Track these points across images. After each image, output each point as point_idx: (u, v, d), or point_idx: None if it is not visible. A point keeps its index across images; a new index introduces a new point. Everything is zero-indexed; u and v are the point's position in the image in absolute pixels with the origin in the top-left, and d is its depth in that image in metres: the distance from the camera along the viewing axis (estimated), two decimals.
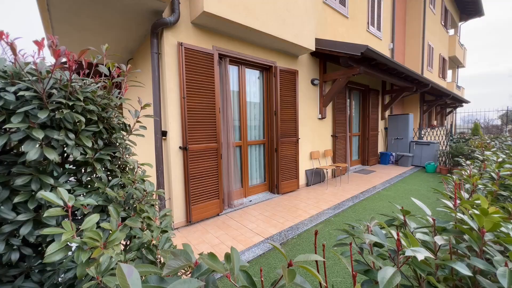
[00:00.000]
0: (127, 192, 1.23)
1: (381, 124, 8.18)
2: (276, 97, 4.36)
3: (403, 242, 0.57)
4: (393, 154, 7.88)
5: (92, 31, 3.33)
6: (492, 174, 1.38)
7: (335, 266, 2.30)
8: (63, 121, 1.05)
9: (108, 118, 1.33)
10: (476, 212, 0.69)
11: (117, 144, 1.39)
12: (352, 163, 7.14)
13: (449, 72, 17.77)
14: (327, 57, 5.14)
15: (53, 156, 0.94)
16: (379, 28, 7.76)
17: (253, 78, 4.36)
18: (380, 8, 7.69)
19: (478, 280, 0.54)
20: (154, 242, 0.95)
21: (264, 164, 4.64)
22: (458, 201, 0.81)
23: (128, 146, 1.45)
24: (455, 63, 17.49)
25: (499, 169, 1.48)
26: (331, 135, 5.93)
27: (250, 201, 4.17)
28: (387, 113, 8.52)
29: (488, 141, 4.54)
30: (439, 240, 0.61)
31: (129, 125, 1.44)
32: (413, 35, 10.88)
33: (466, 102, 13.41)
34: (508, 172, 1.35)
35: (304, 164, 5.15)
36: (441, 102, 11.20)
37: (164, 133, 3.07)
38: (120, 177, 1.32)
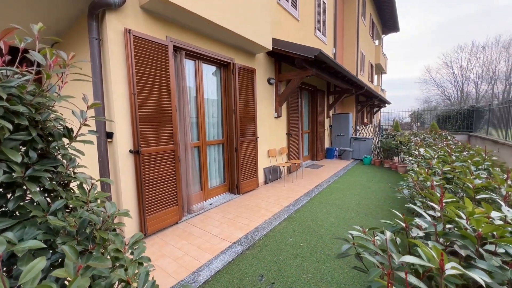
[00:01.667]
0: (80, 218, 0.96)
1: (326, 122, 8.96)
2: (235, 95, 4.24)
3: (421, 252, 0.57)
4: (337, 149, 8.77)
5: None
6: (437, 170, 1.63)
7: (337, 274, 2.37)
8: None
9: (44, 121, 1.02)
10: (462, 213, 0.77)
11: (58, 155, 1.09)
12: (303, 158, 7.61)
13: (375, 77, 20.79)
14: (282, 57, 5.28)
15: None
16: (324, 33, 8.43)
17: (210, 74, 4.13)
18: (324, 14, 8.35)
19: (487, 282, 0.60)
20: (134, 285, 0.75)
21: (224, 165, 4.49)
22: (443, 204, 0.89)
23: (73, 157, 1.14)
24: (379, 70, 20.56)
25: (439, 164, 1.74)
26: (286, 133, 6.17)
27: (211, 204, 3.97)
28: (331, 112, 9.39)
29: (410, 137, 5.48)
30: (460, 250, 0.65)
31: (71, 129, 1.14)
32: (350, 42, 12.25)
33: (388, 103, 15.96)
34: (449, 168, 1.60)
35: (263, 162, 5.21)
36: (371, 102, 13.03)
37: (109, 135, 2.60)
38: (66, 197, 1.03)
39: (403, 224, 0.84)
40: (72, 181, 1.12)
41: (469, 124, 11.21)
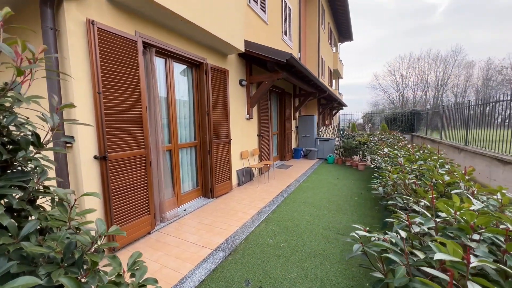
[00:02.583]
0: (62, 241, 0.82)
1: (293, 124, 9.33)
2: (208, 96, 4.12)
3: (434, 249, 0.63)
4: (303, 149, 9.19)
5: None
6: (408, 168, 1.83)
7: (320, 270, 2.42)
8: None
9: (8, 127, 0.87)
10: (450, 209, 0.88)
11: (25, 167, 0.93)
12: (273, 159, 7.78)
13: (333, 81, 22.42)
14: (254, 59, 5.32)
15: None
16: (290, 38, 8.76)
17: (182, 74, 3.93)
18: (290, 20, 8.68)
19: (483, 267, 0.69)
20: None
21: (197, 168, 4.32)
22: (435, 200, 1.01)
23: (45, 169, 0.99)
24: (337, 75, 22.25)
25: (407, 163, 1.96)
26: (257, 135, 6.23)
27: (185, 210, 3.78)
28: (297, 114, 9.81)
29: (369, 138, 6.05)
30: (471, 243, 0.74)
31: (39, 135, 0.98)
32: (311, 48, 12.96)
33: (346, 106, 17.37)
34: (417, 167, 1.82)
35: (236, 164, 5.16)
36: (331, 105, 14.05)
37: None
38: (38, 217, 0.88)
39: (407, 222, 0.93)
40: (40, 197, 0.96)
41: (411, 125, 12.87)
